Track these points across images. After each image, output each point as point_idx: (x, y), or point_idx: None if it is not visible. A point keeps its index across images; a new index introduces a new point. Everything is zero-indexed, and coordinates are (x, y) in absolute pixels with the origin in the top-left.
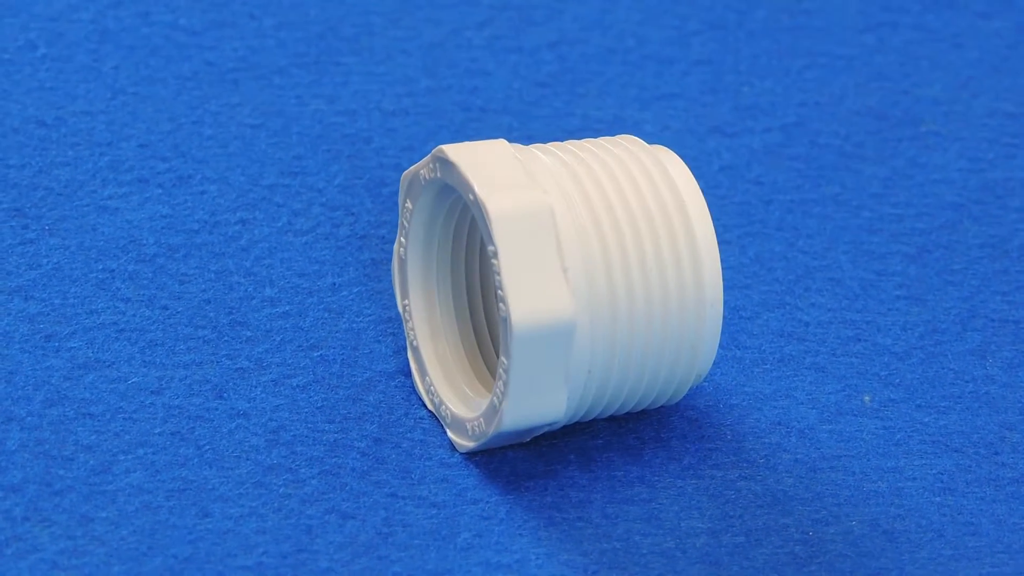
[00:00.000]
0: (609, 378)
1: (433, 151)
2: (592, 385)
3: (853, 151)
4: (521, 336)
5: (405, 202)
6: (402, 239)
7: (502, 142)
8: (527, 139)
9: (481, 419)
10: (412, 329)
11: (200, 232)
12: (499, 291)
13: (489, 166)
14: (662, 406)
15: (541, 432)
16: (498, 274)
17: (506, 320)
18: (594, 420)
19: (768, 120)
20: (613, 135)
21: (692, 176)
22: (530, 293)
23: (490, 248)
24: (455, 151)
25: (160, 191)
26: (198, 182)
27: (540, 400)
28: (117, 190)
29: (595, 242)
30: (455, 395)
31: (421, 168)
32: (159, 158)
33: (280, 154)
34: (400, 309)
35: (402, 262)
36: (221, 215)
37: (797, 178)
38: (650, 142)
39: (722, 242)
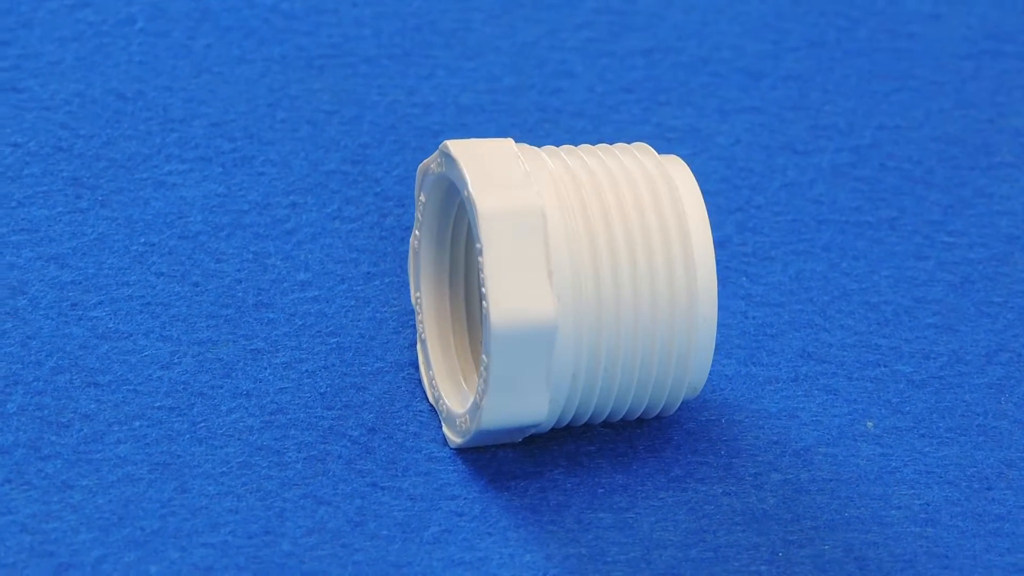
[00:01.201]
0: (595, 384)
1: (440, 145)
2: (578, 389)
3: (921, 176)
4: (500, 335)
5: (419, 195)
6: (417, 232)
7: (508, 141)
8: (594, 142)
9: (467, 416)
10: (421, 321)
11: (249, 213)
12: (482, 288)
13: (488, 164)
14: (660, 416)
15: (529, 432)
16: (482, 272)
17: (487, 318)
18: (589, 425)
19: (842, 140)
20: (684, 145)
21: (697, 188)
22: (512, 293)
23: (477, 245)
24: (458, 147)
25: (220, 170)
26: (259, 164)
27: (521, 401)
28: (178, 167)
29: (585, 247)
30: (454, 390)
31: (431, 161)
32: (227, 138)
33: (347, 142)
34: (413, 301)
35: (416, 255)
36: (274, 197)
37: (857, 199)
38: (718, 155)
39: (765, 259)
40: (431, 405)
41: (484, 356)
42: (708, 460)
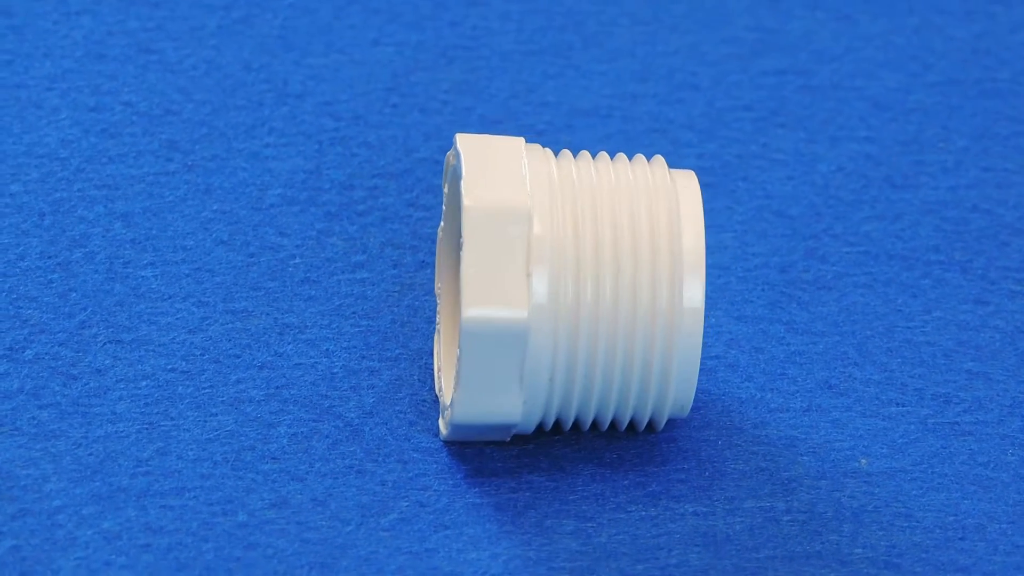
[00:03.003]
0: (573, 390)
1: (455, 137)
2: (557, 394)
3: (1011, 222)
4: (470, 332)
5: (444, 185)
6: (442, 222)
7: (519, 141)
8: (684, 161)
9: (449, 409)
10: (439, 311)
11: (327, 191)
12: (460, 282)
13: (488, 161)
14: (653, 431)
15: (512, 432)
16: (461, 266)
17: (461, 313)
18: (579, 431)
19: (943, 178)
20: (784, 168)
21: (699, 205)
22: (487, 290)
23: (460, 240)
24: (466, 141)
25: (315, 148)
26: (354, 145)
27: (493, 399)
28: (276, 140)
29: (570, 252)
30: (450, 382)
31: (450, 154)
32: (333, 117)
33: (448, 131)
34: (436, 291)
35: (440, 245)
36: (357, 179)
37: (937, 238)
38: (813, 180)
39: (823, 287)
40: (436, 395)
41: (458, 350)
42: (689, 479)
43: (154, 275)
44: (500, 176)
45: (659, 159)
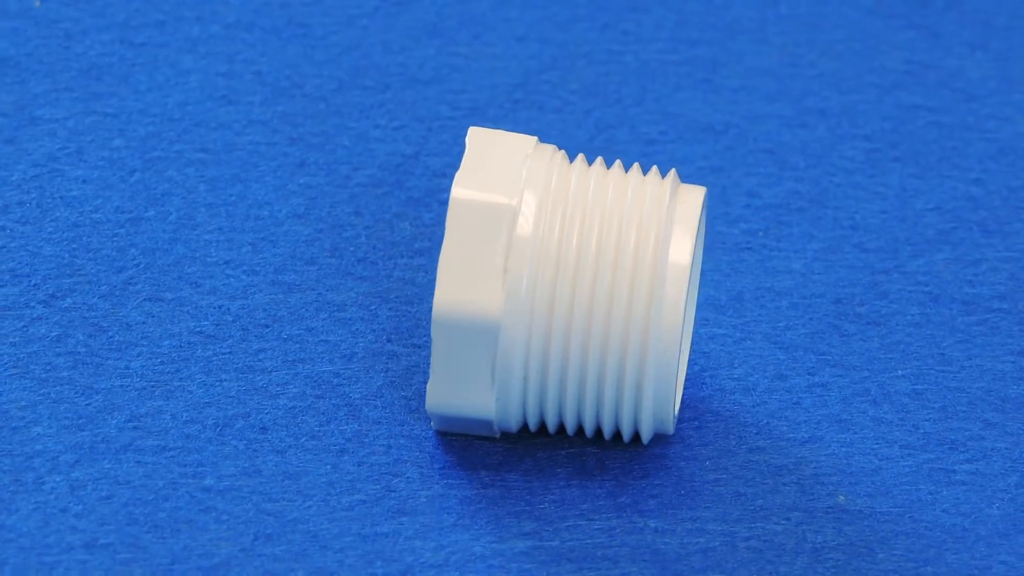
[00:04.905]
0: (547, 391)
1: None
2: (532, 394)
3: None
4: (440, 323)
5: None
6: None
7: (529, 140)
8: (781, 184)
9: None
10: None
11: (418, 177)
12: (437, 272)
13: (489, 157)
14: (639, 442)
15: (496, 429)
16: (440, 256)
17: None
18: (568, 435)
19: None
20: (882, 201)
21: (694, 222)
22: (460, 283)
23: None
24: (476, 134)
25: (423, 134)
26: (462, 135)
27: (464, 392)
28: (389, 122)
29: (551, 255)
30: None
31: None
32: (453, 106)
33: (559, 133)
34: None
35: None
36: (452, 169)
37: (1009, 289)
38: (914, 221)
39: (870, 323)
40: None
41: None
42: (662, 496)
43: (216, 240)
44: (495, 172)
45: (672, 174)
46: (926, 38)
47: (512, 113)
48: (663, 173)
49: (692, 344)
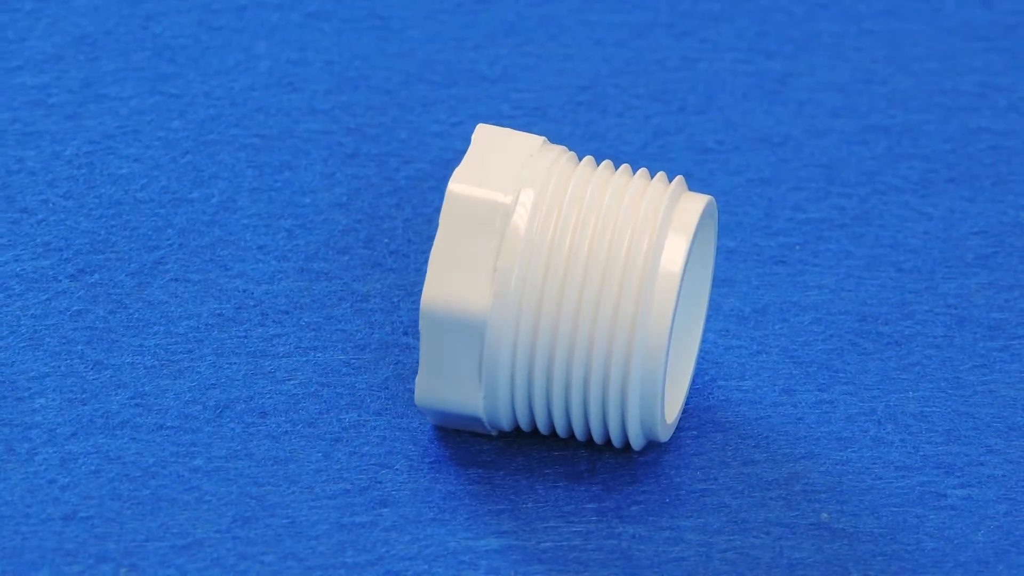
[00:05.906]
0: (534, 391)
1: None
2: (520, 393)
3: None
4: (427, 316)
5: None
6: None
7: (536, 139)
8: (828, 200)
9: None
10: None
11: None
12: (428, 265)
13: (491, 154)
14: (631, 449)
15: (489, 427)
16: (432, 249)
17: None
18: (563, 438)
19: None
20: (928, 222)
21: (691, 231)
22: (449, 277)
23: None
24: (482, 131)
25: (457, 128)
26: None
27: (452, 388)
28: (448, 118)
29: (542, 256)
30: None
31: None
32: (515, 105)
33: (615, 137)
34: None
35: None
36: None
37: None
38: (944, 237)
39: (892, 343)
40: None
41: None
42: (646, 503)
43: (254, 225)
44: (495, 169)
45: (677, 181)
46: (1005, 61)
47: (572, 115)
48: (691, 184)
49: (703, 354)
